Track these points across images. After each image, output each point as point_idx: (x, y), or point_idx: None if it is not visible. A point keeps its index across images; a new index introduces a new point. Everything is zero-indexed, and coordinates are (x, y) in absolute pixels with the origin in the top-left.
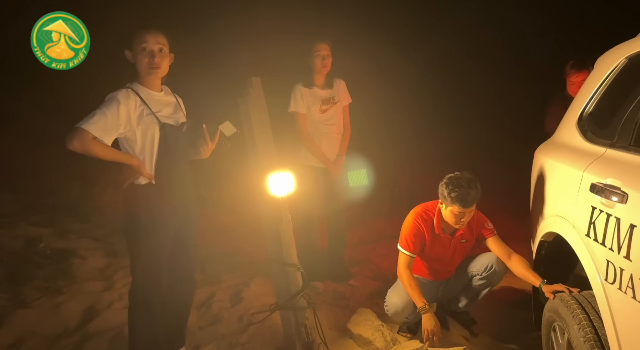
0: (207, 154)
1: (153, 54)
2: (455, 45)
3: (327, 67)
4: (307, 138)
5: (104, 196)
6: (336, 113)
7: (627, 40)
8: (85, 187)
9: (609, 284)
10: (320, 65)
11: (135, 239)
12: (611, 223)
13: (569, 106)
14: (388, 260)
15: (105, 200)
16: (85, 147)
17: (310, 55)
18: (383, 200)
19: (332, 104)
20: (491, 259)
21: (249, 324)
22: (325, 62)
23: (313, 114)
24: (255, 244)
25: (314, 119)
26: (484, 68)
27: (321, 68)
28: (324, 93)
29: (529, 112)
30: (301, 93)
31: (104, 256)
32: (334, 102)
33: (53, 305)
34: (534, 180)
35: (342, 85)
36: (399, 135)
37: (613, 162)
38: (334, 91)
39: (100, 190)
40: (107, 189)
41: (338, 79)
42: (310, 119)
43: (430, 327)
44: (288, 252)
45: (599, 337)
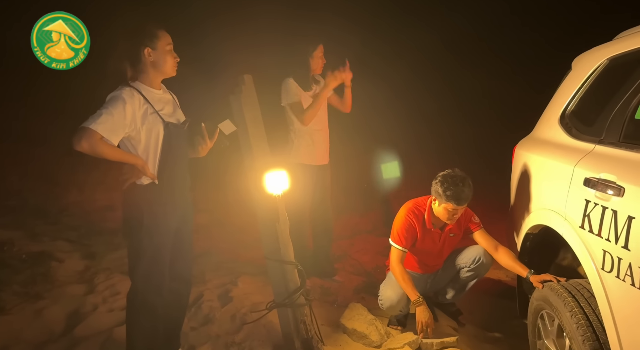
0: (204, 152)
1: (176, 55)
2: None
3: (321, 68)
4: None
5: (69, 196)
6: (323, 109)
7: (607, 43)
8: (49, 187)
9: (606, 273)
10: (321, 64)
11: (138, 241)
12: (607, 215)
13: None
14: (367, 255)
15: (71, 200)
16: (94, 147)
17: (312, 56)
18: (355, 195)
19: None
20: (479, 252)
21: (243, 323)
22: (322, 62)
23: (305, 105)
24: (232, 242)
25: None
26: (468, 65)
27: (321, 67)
28: (313, 90)
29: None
30: (295, 85)
31: (82, 258)
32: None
33: (34, 310)
34: (516, 175)
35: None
36: (379, 132)
37: (604, 158)
38: (320, 87)
39: (64, 190)
40: (72, 189)
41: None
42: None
43: (425, 319)
44: (285, 249)
45: (591, 322)
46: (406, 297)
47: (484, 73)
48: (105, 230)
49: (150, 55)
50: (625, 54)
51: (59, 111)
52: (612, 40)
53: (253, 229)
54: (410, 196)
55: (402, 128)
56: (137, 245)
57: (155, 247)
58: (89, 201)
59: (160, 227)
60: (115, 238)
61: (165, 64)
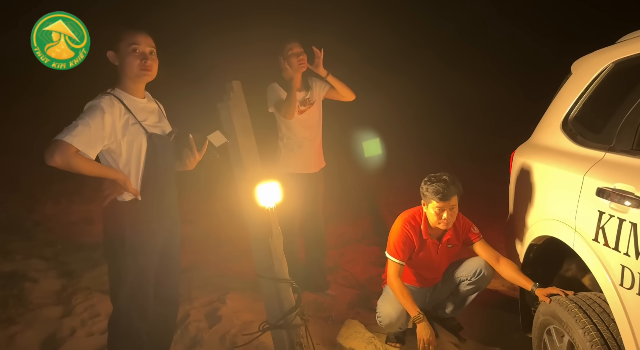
0: (192, 165)
1: (145, 56)
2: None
3: (304, 64)
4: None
5: (44, 209)
6: (313, 115)
7: (610, 46)
8: (20, 200)
9: (625, 289)
10: (297, 63)
11: (120, 262)
12: (625, 228)
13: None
14: (358, 266)
15: (46, 213)
16: (68, 162)
17: (285, 55)
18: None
19: (310, 106)
20: (479, 264)
21: (234, 346)
22: (301, 58)
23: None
24: (219, 254)
25: (291, 121)
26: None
27: (298, 66)
28: (301, 94)
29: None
30: (278, 88)
31: (58, 277)
32: (311, 103)
33: (6, 336)
34: (515, 182)
35: (312, 81)
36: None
37: (617, 166)
38: (310, 92)
39: (37, 202)
40: (46, 201)
41: (311, 78)
42: (287, 121)
43: (427, 337)
44: (280, 266)
45: (605, 340)
46: (406, 313)
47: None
48: (84, 245)
49: (114, 59)
50: (635, 57)
51: (30, 119)
52: (616, 43)
53: (240, 240)
54: (398, 201)
55: (392, 132)
56: (120, 267)
57: (140, 268)
58: (65, 214)
59: (144, 246)
60: (95, 254)
61: (128, 68)
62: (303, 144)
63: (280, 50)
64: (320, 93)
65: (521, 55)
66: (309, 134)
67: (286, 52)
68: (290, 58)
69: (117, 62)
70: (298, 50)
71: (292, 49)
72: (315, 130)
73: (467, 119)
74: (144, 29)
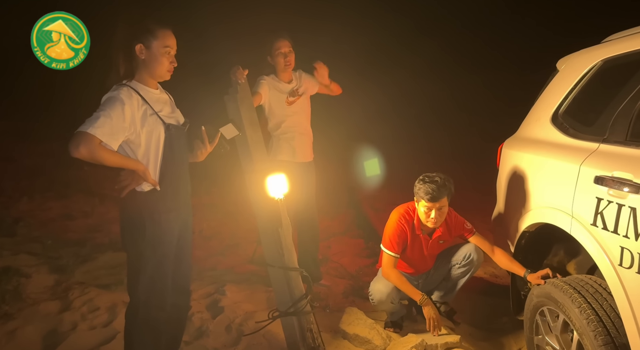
0: (203, 157)
1: (174, 59)
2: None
3: (291, 64)
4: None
5: (19, 205)
6: (302, 106)
7: (598, 45)
8: None
9: (624, 269)
10: (284, 64)
11: (139, 252)
12: (624, 212)
13: None
14: (346, 257)
15: (22, 209)
16: (93, 154)
17: (272, 54)
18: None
19: (298, 97)
20: (469, 249)
21: (242, 335)
22: (288, 59)
23: (280, 106)
24: (205, 248)
25: (280, 113)
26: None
27: (285, 67)
28: (289, 86)
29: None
30: (266, 81)
31: (50, 272)
32: (299, 94)
33: (6, 332)
34: (505, 174)
35: (301, 74)
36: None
37: (613, 156)
38: (296, 83)
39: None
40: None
41: (295, 71)
42: (276, 112)
43: (435, 316)
44: (289, 255)
45: (600, 317)
46: (396, 290)
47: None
48: (70, 241)
49: (142, 53)
50: (623, 56)
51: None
52: (603, 42)
53: (225, 235)
54: (378, 196)
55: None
56: (139, 257)
57: (159, 258)
58: (41, 210)
59: (164, 237)
60: (83, 249)
61: (158, 67)
62: (295, 136)
63: (268, 49)
64: (311, 88)
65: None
66: (301, 129)
67: (273, 51)
68: (277, 58)
69: (144, 57)
70: (286, 50)
71: (280, 49)
72: (305, 126)
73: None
74: (173, 29)
